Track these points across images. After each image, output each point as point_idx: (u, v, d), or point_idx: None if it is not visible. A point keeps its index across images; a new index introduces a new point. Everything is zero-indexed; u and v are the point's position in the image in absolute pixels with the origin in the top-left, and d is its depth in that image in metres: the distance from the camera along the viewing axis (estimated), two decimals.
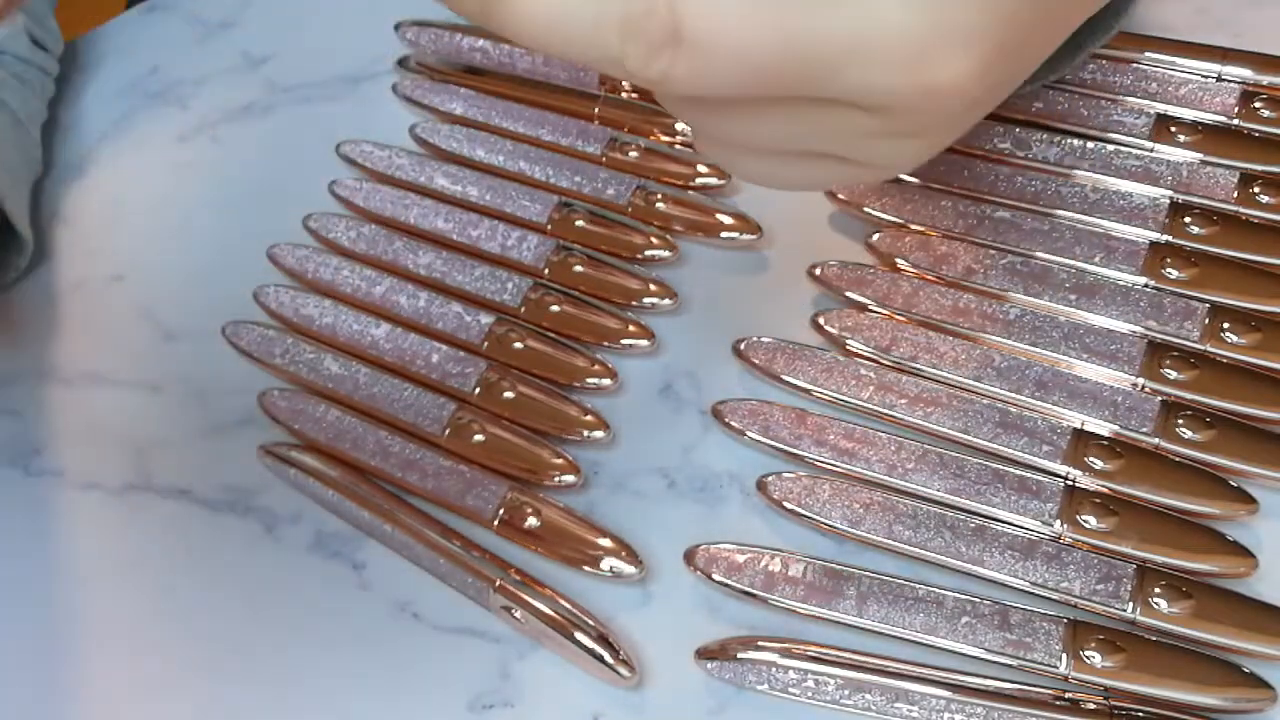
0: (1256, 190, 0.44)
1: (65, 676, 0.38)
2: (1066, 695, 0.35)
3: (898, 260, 0.44)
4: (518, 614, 0.37)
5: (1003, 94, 0.29)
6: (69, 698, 0.38)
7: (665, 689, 0.37)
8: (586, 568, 0.38)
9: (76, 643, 0.39)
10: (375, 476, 0.41)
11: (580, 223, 0.46)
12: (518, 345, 0.43)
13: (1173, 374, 0.40)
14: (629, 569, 0.38)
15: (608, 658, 0.36)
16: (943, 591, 0.37)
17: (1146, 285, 0.43)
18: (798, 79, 0.25)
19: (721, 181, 0.47)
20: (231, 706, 0.38)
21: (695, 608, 0.38)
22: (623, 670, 0.36)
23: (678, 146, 0.49)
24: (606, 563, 0.38)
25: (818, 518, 0.39)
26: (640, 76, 0.25)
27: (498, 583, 0.37)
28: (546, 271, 0.45)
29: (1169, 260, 0.43)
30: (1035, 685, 0.35)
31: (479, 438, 0.41)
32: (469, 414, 0.42)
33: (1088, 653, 0.35)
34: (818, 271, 0.44)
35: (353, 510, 0.40)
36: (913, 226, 0.45)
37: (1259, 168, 0.45)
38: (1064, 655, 0.35)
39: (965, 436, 0.40)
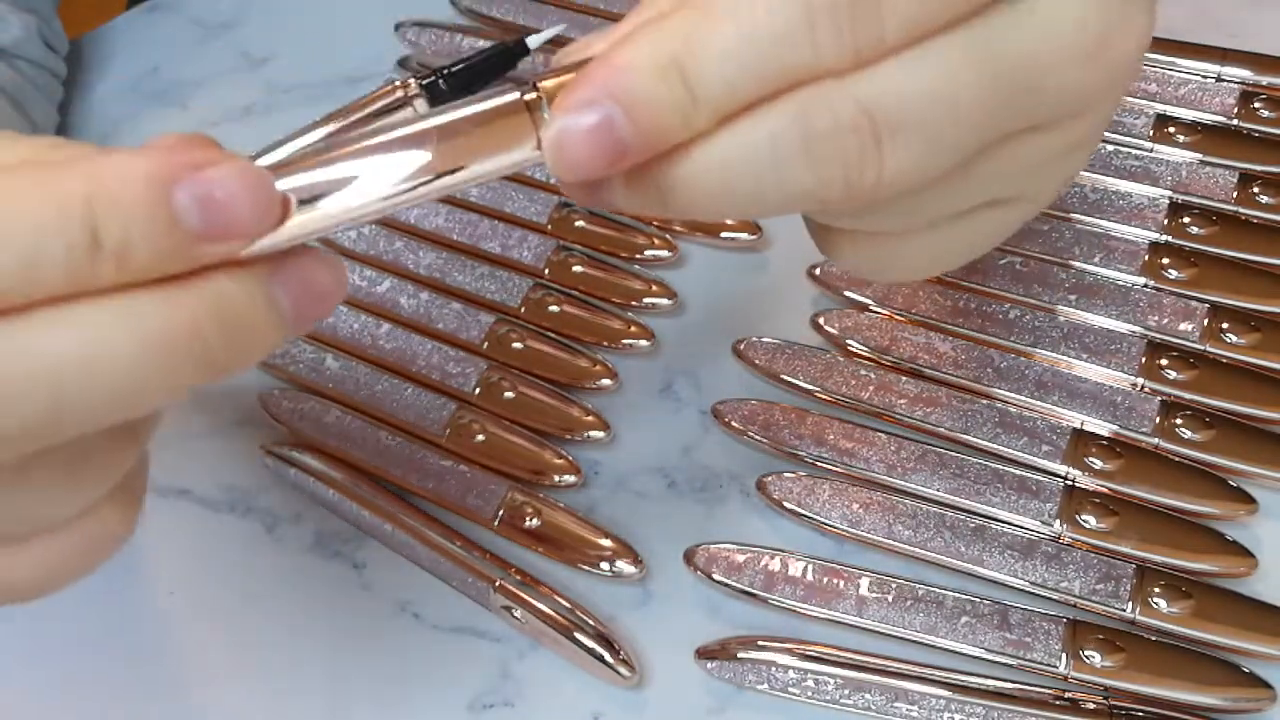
0: (1256, 190, 0.44)
1: (64, 676, 0.38)
2: (1066, 695, 0.35)
3: None
4: (518, 614, 0.37)
5: None
6: (69, 697, 0.38)
7: (665, 689, 0.37)
8: (586, 567, 0.38)
9: (76, 643, 0.39)
10: (376, 476, 0.41)
11: (580, 223, 0.46)
12: (518, 345, 0.43)
13: (1172, 374, 0.40)
14: (629, 569, 0.38)
15: (608, 657, 0.36)
16: (943, 591, 0.37)
17: (1146, 285, 0.43)
18: (1003, 114, 0.24)
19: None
20: (231, 706, 0.38)
21: (695, 608, 0.38)
22: (623, 670, 0.36)
23: None
24: (606, 562, 0.38)
25: (818, 518, 0.39)
26: (853, 194, 0.23)
27: (498, 582, 0.37)
28: (547, 271, 0.45)
29: (1168, 260, 0.43)
30: (1035, 685, 0.35)
31: (479, 438, 0.41)
32: (469, 414, 0.42)
33: (1087, 652, 0.35)
34: (818, 271, 0.44)
35: (353, 510, 0.40)
36: None
37: (1258, 168, 0.45)
38: (1064, 655, 0.35)
39: (965, 436, 0.40)
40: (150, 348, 0.21)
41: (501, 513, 0.40)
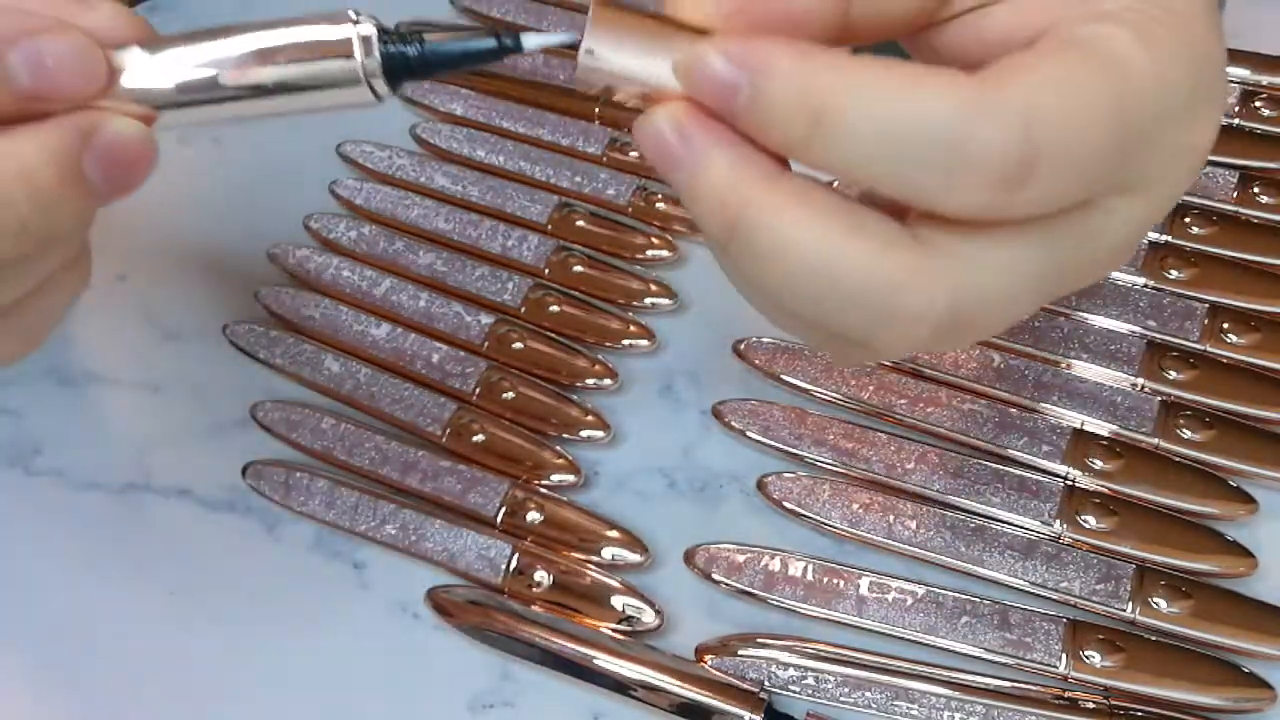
0: (1256, 190, 0.44)
1: (65, 676, 0.38)
2: (1066, 695, 0.35)
3: None
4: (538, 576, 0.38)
5: None
6: (69, 697, 0.38)
7: None
8: (593, 559, 0.38)
9: (77, 643, 0.39)
10: (374, 480, 0.41)
11: (580, 223, 0.46)
12: (518, 345, 0.43)
13: (1172, 374, 0.40)
14: (634, 558, 0.38)
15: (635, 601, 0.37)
16: (943, 591, 0.37)
17: (1146, 285, 0.43)
18: (1125, 151, 0.23)
19: None
20: (231, 706, 0.38)
21: (695, 607, 0.38)
22: (648, 616, 0.37)
23: None
24: (609, 551, 0.38)
25: (818, 518, 0.39)
26: (988, 210, 0.23)
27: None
28: (547, 271, 0.45)
29: (1169, 260, 0.43)
30: (1035, 685, 0.35)
31: (479, 438, 0.41)
32: (469, 414, 0.42)
33: (1087, 652, 0.35)
34: None
35: (350, 516, 0.40)
36: None
37: (1259, 164, 0.45)
38: (1064, 655, 0.35)
39: (965, 436, 0.40)
40: None
41: (504, 510, 0.40)
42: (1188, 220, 0.44)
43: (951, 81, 0.22)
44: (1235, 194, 0.44)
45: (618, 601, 0.37)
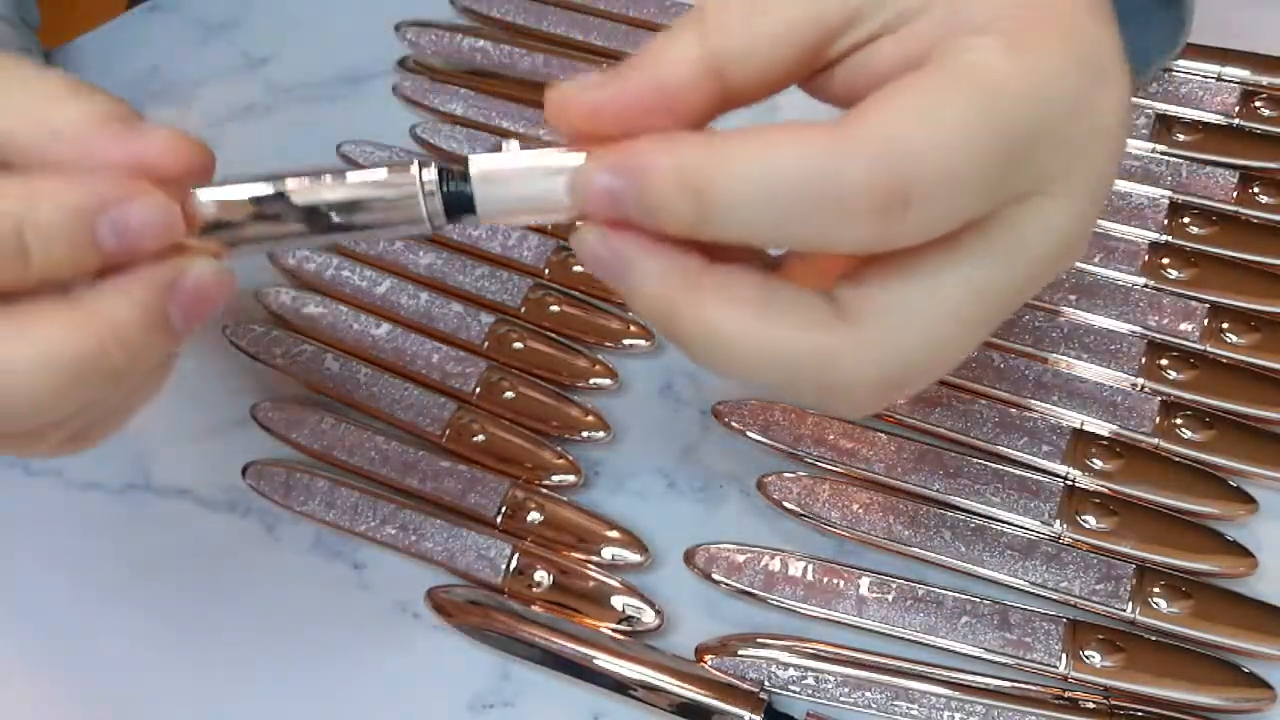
0: (1256, 190, 0.44)
1: (65, 676, 0.38)
2: (1066, 694, 0.35)
3: None
4: (538, 576, 0.38)
5: None
6: (69, 697, 0.38)
7: None
8: (593, 559, 0.38)
9: (77, 642, 0.39)
10: (374, 480, 0.41)
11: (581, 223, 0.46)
12: (518, 345, 0.43)
13: (1172, 374, 0.40)
14: (633, 557, 0.38)
15: (635, 602, 0.37)
16: (943, 591, 0.37)
17: (1146, 285, 0.43)
18: (1010, 160, 0.24)
19: None
20: (231, 706, 0.38)
21: (695, 607, 0.38)
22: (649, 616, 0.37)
23: None
24: (609, 551, 0.38)
25: (818, 518, 0.39)
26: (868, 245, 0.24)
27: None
28: (547, 271, 0.45)
29: (1168, 260, 0.43)
30: (1035, 685, 0.35)
31: (479, 438, 0.41)
32: (469, 414, 0.42)
33: (1087, 652, 0.35)
34: None
35: (353, 524, 0.40)
36: None
37: (1258, 164, 0.45)
38: (1064, 655, 0.35)
39: (965, 436, 0.40)
40: (63, 367, 0.24)
41: (504, 510, 0.40)
42: (1187, 220, 0.44)
43: (810, 130, 0.23)
44: (1235, 194, 0.44)
45: (618, 601, 0.37)
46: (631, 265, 0.25)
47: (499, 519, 0.40)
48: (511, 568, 0.38)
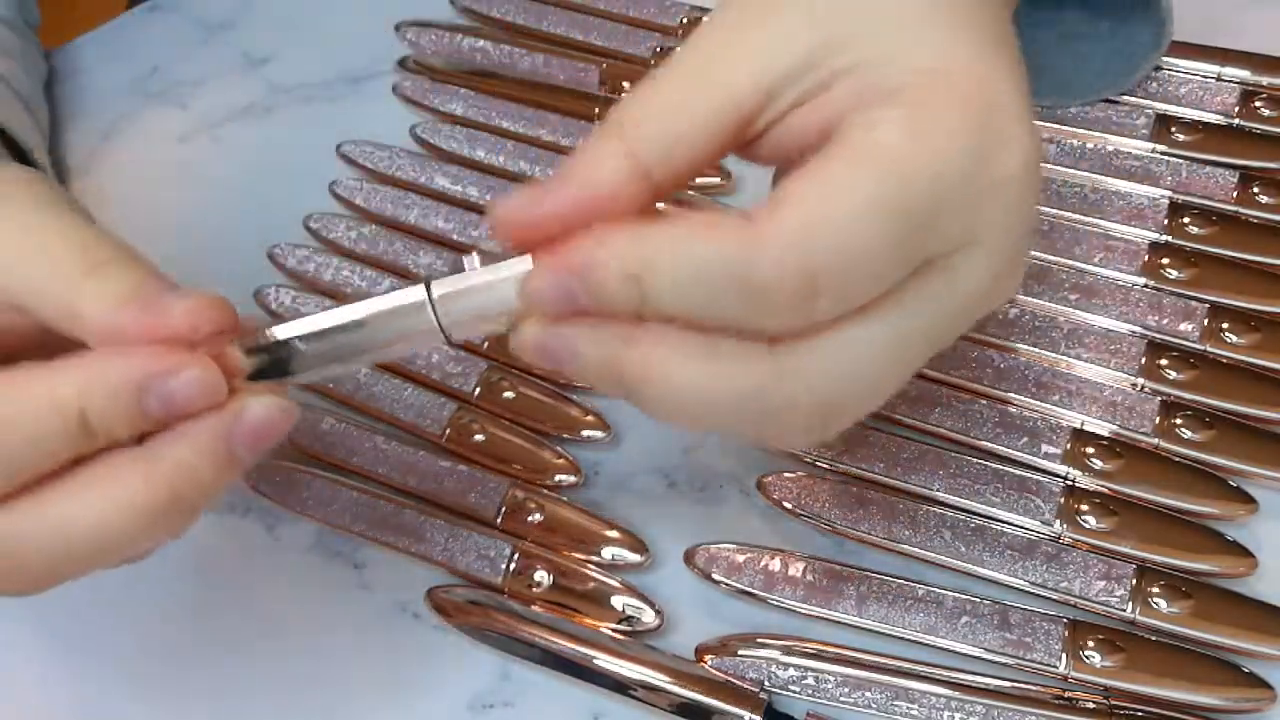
0: (1256, 190, 0.44)
1: (66, 676, 0.38)
2: (1066, 695, 0.35)
3: None
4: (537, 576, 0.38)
5: None
6: (68, 694, 0.38)
7: None
8: (593, 559, 0.38)
9: (77, 643, 0.39)
10: (373, 481, 0.41)
11: None
12: None
13: (1172, 374, 0.40)
14: (633, 557, 0.38)
15: (635, 602, 0.37)
16: (943, 591, 0.37)
17: (1146, 285, 0.43)
18: (920, 228, 0.25)
19: (721, 182, 0.47)
20: (231, 706, 0.38)
21: (695, 607, 0.38)
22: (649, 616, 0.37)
23: None
24: (609, 551, 0.38)
25: (818, 518, 0.39)
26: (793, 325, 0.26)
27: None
28: None
29: (1168, 260, 0.43)
30: (1035, 685, 0.35)
31: (479, 438, 0.41)
32: (469, 414, 0.42)
33: (1087, 652, 0.35)
34: None
35: (353, 524, 0.40)
36: None
37: (1258, 164, 0.45)
38: (1064, 655, 0.35)
39: (965, 436, 0.40)
40: (140, 514, 0.27)
41: (504, 510, 0.40)
42: (1187, 220, 0.44)
43: (725, 228, 0.25)
44: (1235, 194, 0.44)
45: (618, 601, 0.37)
46: (574, 343, 0.27)
47: (499, 519, 0.40)
48: (511, 568, 0.38)
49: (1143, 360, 0.41)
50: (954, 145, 0.25)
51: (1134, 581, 0.36)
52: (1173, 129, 0.46)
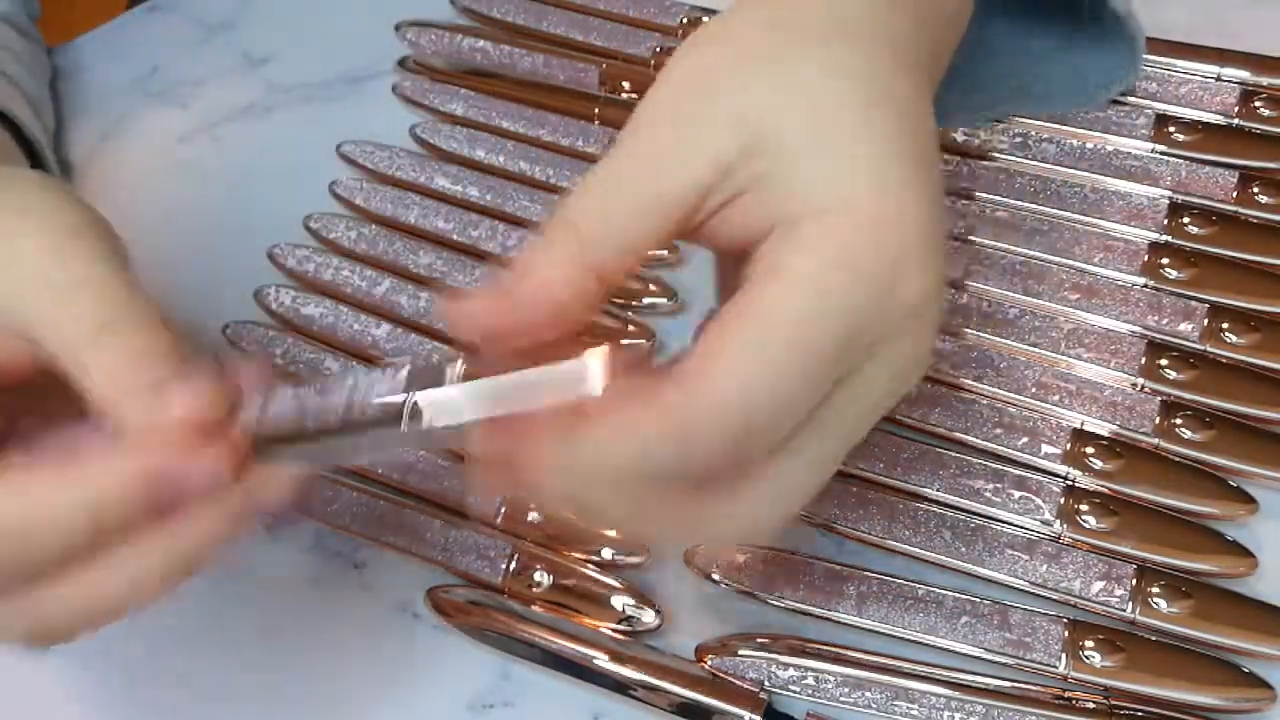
0: (1256, 190, 0.44)
1: (63, 675, 0.38)
2: (1066, 694, 0.35)
3: None
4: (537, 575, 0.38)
5: None
6: (68, 695, 0.38)
7: None
8: (591, 560, 0.38)
9: (77, 642, 0.39)
10: (373, 481, 0.41)
11: None
12: None
13: (1172, 374, 0.40)
14: (633, 557, 0.38)
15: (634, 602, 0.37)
16: (943, 591, 0.37)
17: (1146, 285, 0.43)
18: (835, 364, 0.26)
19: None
20: (232, 706, 0.38)
21: (695, 607, 0.38)
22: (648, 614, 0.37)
23: None
24: (609, 551, 0.38)
25: (817, 518, 0.39)
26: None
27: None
28: None
29: (1168, 260, 0.43)
30: (1035, 685, 0.35)
31: None
32: None
33: (1087, 652, 0.35)
34: None
35: (353, 524, 0.40)
36: None
37: (1258, 164, 0.45)
38: (1064, 655, 0.35)
39: (965, 436, 0.40)
40: (160, 584, 0.29)
41: (504, 510, 0.40)
42: (1187, 220, 0.44)
43: (665, 407, 0.25)
44: (1235, 194, 0.44)
45: (618, 601, 0.37)
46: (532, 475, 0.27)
47: (499, 519, 0.40)
48: (511, 568, 0.38)
49: (1143, 360, 0.41)
50: (867, 285, 0.26)
51: (1134, 581, 0.36)
52: (1172, 129, 0.46)
